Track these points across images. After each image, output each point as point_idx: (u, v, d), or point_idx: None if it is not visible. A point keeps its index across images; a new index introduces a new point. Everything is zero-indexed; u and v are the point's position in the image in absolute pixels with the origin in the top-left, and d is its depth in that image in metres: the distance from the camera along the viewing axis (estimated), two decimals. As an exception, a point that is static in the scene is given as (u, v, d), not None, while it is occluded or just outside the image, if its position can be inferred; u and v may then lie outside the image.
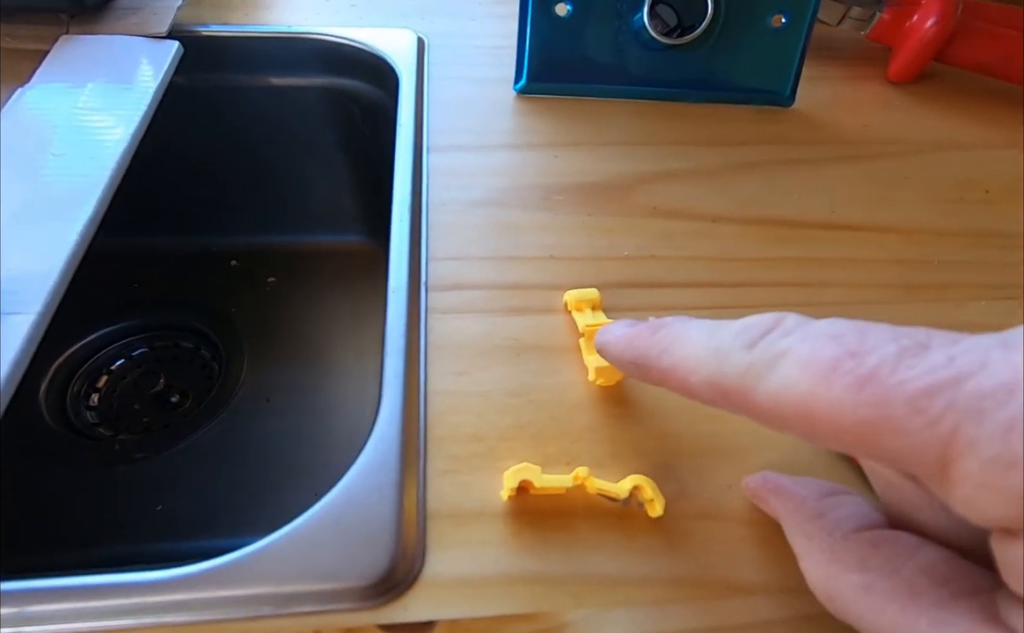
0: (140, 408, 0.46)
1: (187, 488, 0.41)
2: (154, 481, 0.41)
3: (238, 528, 0.39)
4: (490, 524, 0.20)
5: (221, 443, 0.43)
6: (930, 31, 0.34)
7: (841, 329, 0.13)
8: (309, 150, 0.47)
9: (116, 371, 0.47)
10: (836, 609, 0.15)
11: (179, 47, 0.36)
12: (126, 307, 0.49)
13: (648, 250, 0.28)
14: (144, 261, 0.51)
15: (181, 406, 0.46)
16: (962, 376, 0.11)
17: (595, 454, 0.21)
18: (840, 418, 0.12)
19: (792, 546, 0.17)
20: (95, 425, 0.45)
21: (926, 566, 0.14)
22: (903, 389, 0.11)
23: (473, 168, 0.31)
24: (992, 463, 0.11)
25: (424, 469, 0.21)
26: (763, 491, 0.19)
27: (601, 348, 0.20)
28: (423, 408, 0.22)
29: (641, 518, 0.20)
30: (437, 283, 0.26)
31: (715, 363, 0.15)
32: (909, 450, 0.11)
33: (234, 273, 0.52)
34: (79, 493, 0.40)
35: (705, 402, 0.16)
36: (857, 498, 0.17)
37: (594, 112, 0.34)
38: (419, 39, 0.38)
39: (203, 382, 0.47)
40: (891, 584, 0.14)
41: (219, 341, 0.49)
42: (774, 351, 0.14)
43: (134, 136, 0.32)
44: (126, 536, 0.38)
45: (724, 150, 0.33)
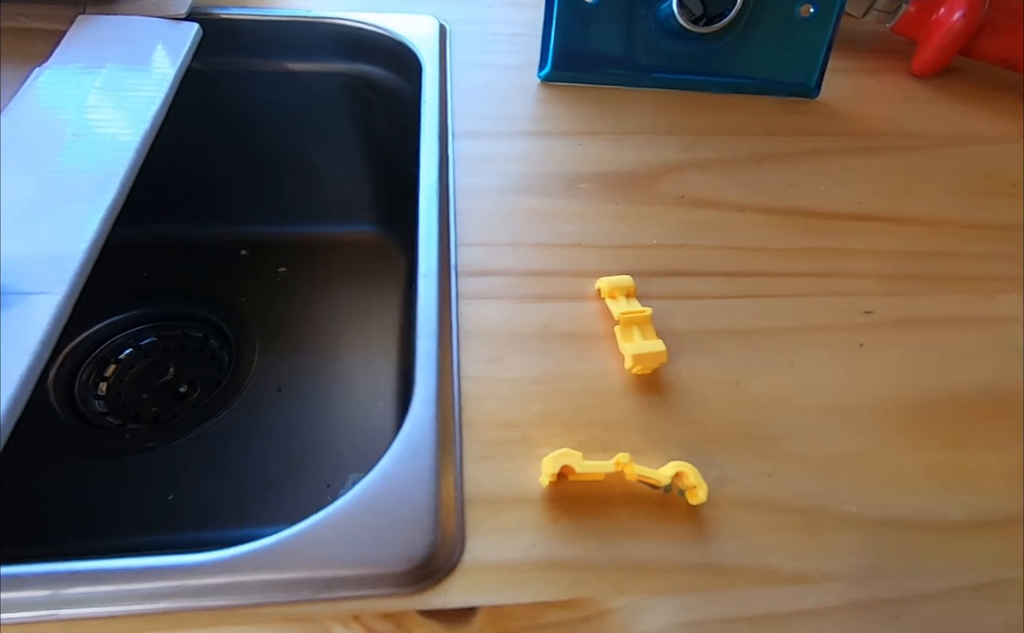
0: (148, 398, 0.45)
1: (196, 478, 0.41)
2: (163, 471, 0.40)
3: (247, 519, 0.39)
4: (528, 510, 0.19)
5: (231, 433, 0.43)
6: (957, 24, 0.34)
7: None
8: (322, 139, 0.46)
9: (124, 360, 0.47)
10: None
11: (198, 29, 0.35)
12: (134, 296, 0.49)
13: (677, 239, 0.28)
14: (153, 250, 0.50)
15: (189, 396, 0.46)
16: None
17: (629, 441, 0.21)
18: None
19: None
20: (104, 414, 0.44)
21: None
22: None
23: (498, 155, 0.31)
24: None
25: (460, 454, 0.21)
26: None
27: None
28: (457, 393, 0.22)
29: (679, 505, 0.20)
30: (465, 269, 0.26)
31: None
32: None
33: (244, 263, 0.52)
34: (89, 482, 0.39)
35: None
36: None
37: (617, 100, 0.34)
38: (441, 25, 0.37)
39: (212, 372, 0.47)
40: None
41: (228, 331, 0.49)
42: None
43: (154, 120, 0.31)
44: (134, 525, 0.38)
45: (750, 140, 0.33)
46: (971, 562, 0.19)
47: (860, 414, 0.23)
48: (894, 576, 0.19)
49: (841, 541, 0.20)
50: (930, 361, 0.24)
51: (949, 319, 0.26)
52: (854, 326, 0.25)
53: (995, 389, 0.24)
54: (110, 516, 0.38)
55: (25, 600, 0.16)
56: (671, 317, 0.25)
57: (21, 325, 0.20)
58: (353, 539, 0.18)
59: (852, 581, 0.19)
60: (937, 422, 0.23)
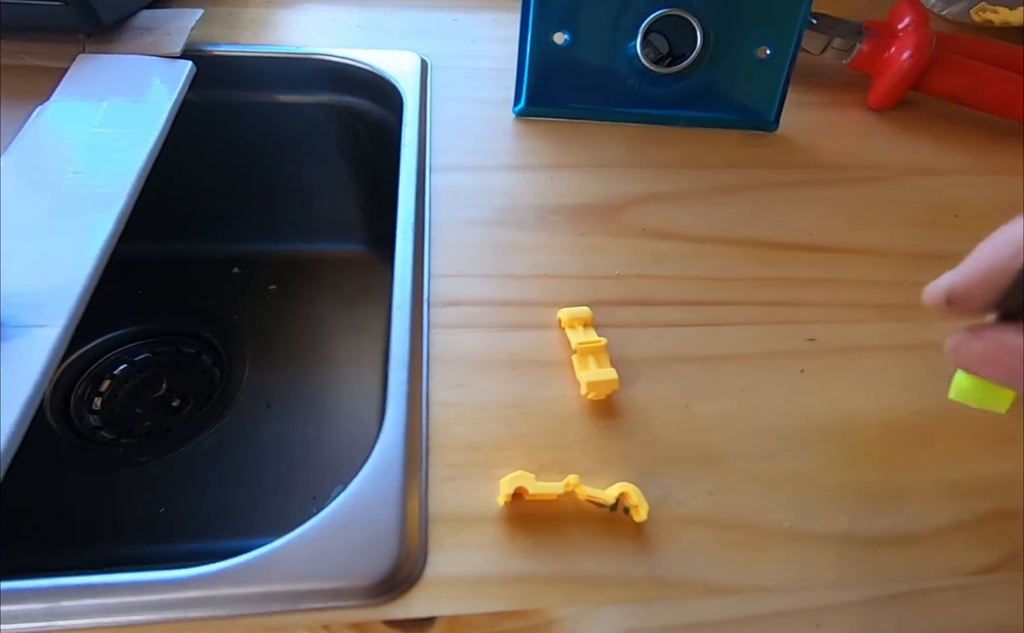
0: (142, 412, 0.47)
1: (188, 491, 0.42)
2: (156, 484, 0.42)
3: (237, 531, 0.41)
4: (487, 528, 0.21)
5: (222, 447, 0.45)
6: (906, 63, 0.36)
7: None
8: (312, 163, 0.48)
9: (119, 376, 0.49)
10: None
11: (192, 66, 0.37)
12: (130, 313, 0.50)
13: (637, 269, 0.29)
14: (149, 268, 0.52)
15: (182, 410, 0.47)
16: None
17: (586, 463, 0.23)
18: None
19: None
20: (98, 429, 0.46)
21: None
22: None
23: (473, 188, 0.33)
24: None
25: (426, 476, 0.22)
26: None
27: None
28: (425, 418, 0.24)
29: (627, 522, 0.22)
30: (438, 299, 0.28)
31: None
32: None
33: (236, 280, 0.54)
34: (82, 495, 0.41)
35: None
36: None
37: (589, 134, 0.36)
38: (422, 61, 0.39)
39: (204, 387, 0.48)
40: None
41: (220, 347, 0.50)
42: None
43: (150, 154, 0.33)
44: (128, 538, 0.40)
45: (711, 173, 0.35)
46: (892, 574, 0.21)
47: (801, 436, 0.24)
48: (821, 587, 0.21)
49: (775, 555, 0.21)
50: (868, 386, 0.26)
51: (888, 346, 0.28)
52: (798, 353, 0.27)
53: (927, 414, 0.26)
54: (104, 529, 0.40)
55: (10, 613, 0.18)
56: (629, 345, 0.27)
57: (21, 358, 0.22)
58: (324, 555, 0.20)
59: (781, 592, 0.20)
60: (871, 444, 0.25)
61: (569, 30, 0.34)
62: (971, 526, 0.23)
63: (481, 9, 0.45)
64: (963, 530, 0.22)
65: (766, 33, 0.33)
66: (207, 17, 0.42)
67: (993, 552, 0.22)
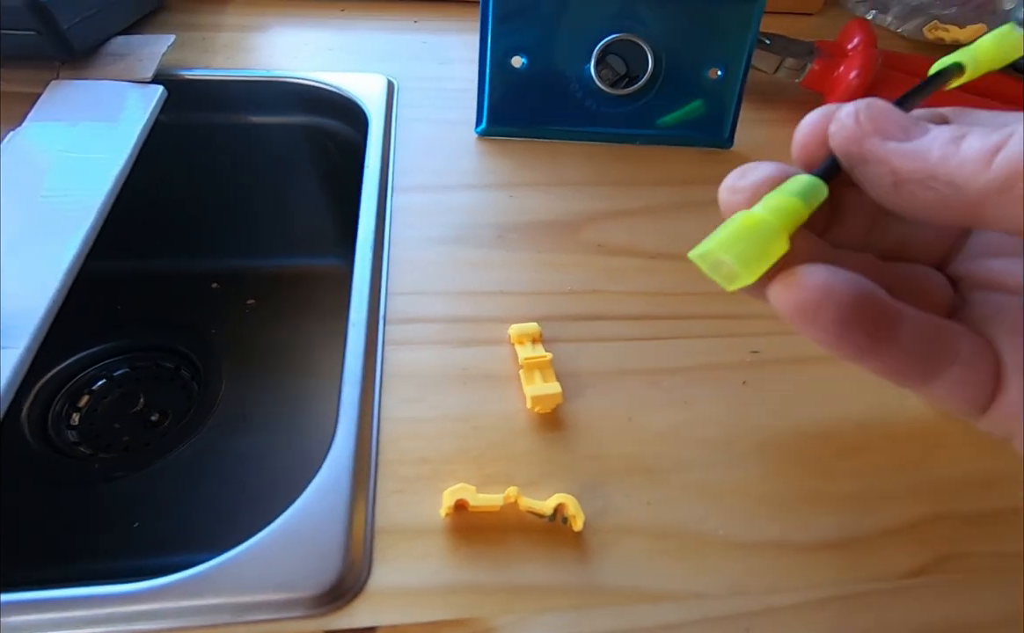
0: (120, 427, 0.47)
1: (165, 505, 0.42)
2: (133, 499, 0.42)
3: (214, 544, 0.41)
4: (431, 539, 0.22)
5: (199, 461, 0.45)
6: (853, 81, 0.37)
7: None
8: (287, 181, 0.49)
9: (97, 391, 0.49)
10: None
11: (163, 91, 0.38)
12: (109, 328, 0.51)
13: (591, 285, 0.30)
14: (127, 283, 0.53)
15: (161, 425, 0.48)
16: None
17: (530, 474, 0.24)
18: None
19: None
20: (75, 444, 0.46)
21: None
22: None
23: (435, 207, 0.33)
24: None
25: (374, 490, 0.23)
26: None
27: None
28: (376, 434, 0.24)
29: (567, 532, 0.22)
30: (395, 316, 0.28)
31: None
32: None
33: (215, 295, 0.54)
34: (59, 511, 0.41)
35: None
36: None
37: (550, 153, 0.37)
38: (389, 83, 0.40)
39: (183, 401, 0.49)
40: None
41: (199, 361, 0.51)
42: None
43: (119, 176, 0.34)
44: (104, 553, 0.40)
45: (668, 189, 0.36)
46: (823, 578, 0.22)
47: (741, 446, 0.25)
48: (752, 593, 0.21)
49: (709, 563, 0.22)
50: (808, 397, 0.27)
51: (831, 357, 0.28)
52: (742, 365, 0.28)
53: (866, 423, 0.26)
54: (77, 545, 0.40)
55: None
56: (578, 359, 0.27)
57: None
58: (270, 568, 0.20)
59: (714, 598, 0.21)
60: (809, 454, 0.25)
61: (526, 54, 0.34)
62: (903, 530, 0.23)
63: (450, 31, 0.47)
64: (895, 534, 0.23)
65: (716, 55, 0.34)
66: (182, 42, 0.43)
67: (924, 555, 0.23)
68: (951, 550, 0.23)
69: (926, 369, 0.15)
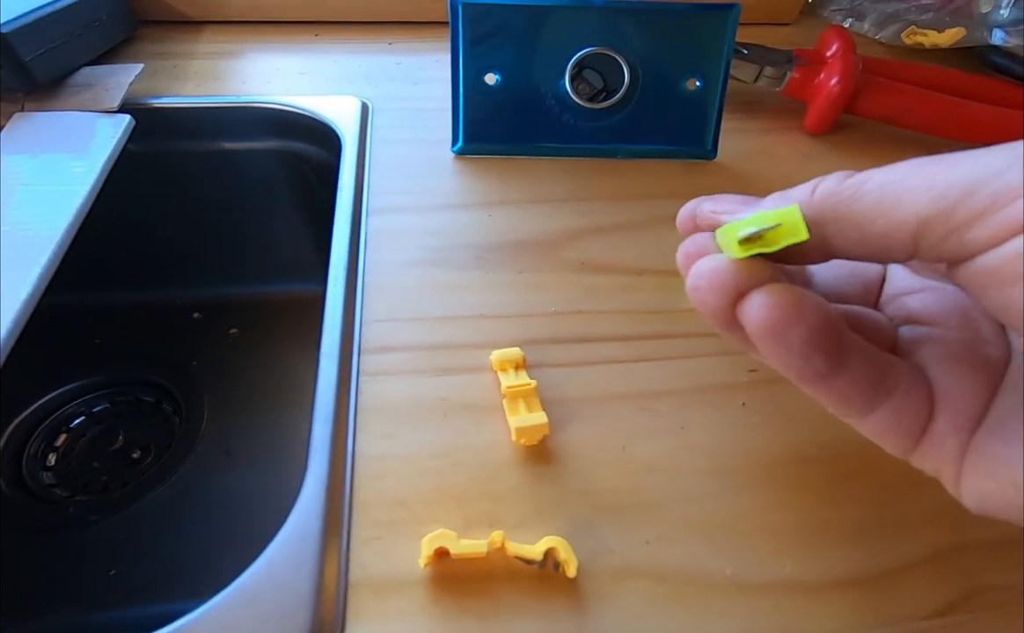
0: (99, 466, 0.44)
1: (141, 550, 0.39)
2: (107, 544, 0.39)
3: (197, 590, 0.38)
4: (410, 593, 0.19)
5: (180, 500, 0.42)
6: (835, 89, 0.35)
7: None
8: (266, 206, 0.47)
9: (76, 429, 0.46)
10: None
11: (131, 120, 0.36)
12: (87, 363, 0.48)
13: (574, 305, 0.28)
14: (106, 316, 0.50)
15: (142, 462, 0.45)
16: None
17: (517, 514, 0.21)
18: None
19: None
20: (51, 486, 0.43)
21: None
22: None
23: (411, 229, 0.31)
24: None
25: (347, 538, 0.20)
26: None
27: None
28: (349, 474, 0.22)
29: (557, 580, 0.20)
30: (370, 345, 0.26)
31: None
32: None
33: (197, 325, 0.51)
34: (30, 560, 0.38)
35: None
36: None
37: (528, 170, 0.35)
38: (363, 104, 0.38)
39: (164, 436, 0.46)
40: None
41: (180, 394, 0.48)
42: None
43: (81, 207, 0.31)
44: (79, 604, 0.37)
45: (651, 203, 0.34)
46: (840, 622, 0.19)
47: (743, 474, 0.23)
48: (762, 639, 0.19)
49: (717, 607, 0.19)
50: (808, 417, 0.25)
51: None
52: (739, 385, 0.25)
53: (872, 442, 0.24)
54: (53, 594, 0.37)
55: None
56: (564, 385, 0.25)
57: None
58: (231, 631, 0.18)
59: (721, 648, 0.19)
60: (816, 479, 0.23)
61: (499, 71, 0.32)
62: (925, 563, 0.21)
63: (425, 52, 0.45)
64: (916, 568, 0.21)
65: (693, 66, 0.32)
66: (153, 70, 0.40)
67: (949, 590, 0.20)
68: (976, 583, 0.20)
69: (870, 399, 0.16)
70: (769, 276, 0.15)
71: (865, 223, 0.14)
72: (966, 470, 0.15)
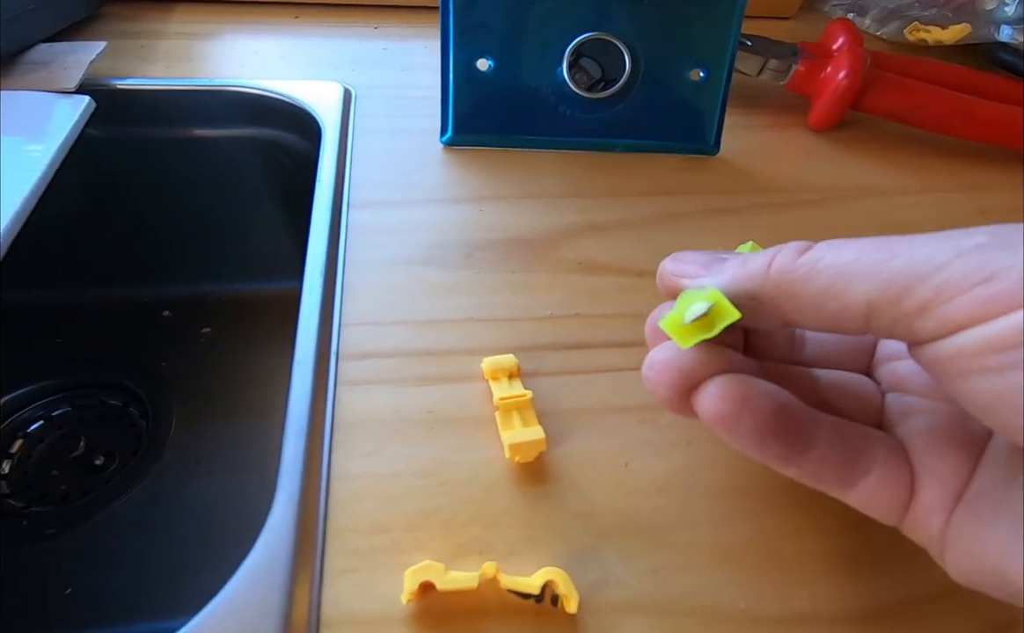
0: (59, 474, 0.42)
1: (105, 566, 0.37)
2: (64, 560, 0.36)
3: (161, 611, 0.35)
4: (390, 632, 0.17)
5: (143, 512, 0.39)
6: (842, 83, 0.34)
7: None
8: (242, 198, 0.44)
9: (33, 434, 0.43)
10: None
11: (90, 101, 0.33)
12: (47, 365, 0.45)
13: (572, 308, 0.26)
14: (67, 314, 0.47)
15: (107, 469, 0.42)
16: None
17: (511, 541, 0.19)
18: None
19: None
20: (5, 497, 0.40)
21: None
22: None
23: (396, 224, 0.29)
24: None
25: (321, 569, 0.18)
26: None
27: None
28: (324, 497, 0.20)
29: (556, 615, 0.18)
30: (349, 351, 0.24)
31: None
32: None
33: (167, 324, 0.49)
34: (-20, 578, 0.35)
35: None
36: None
37: (521, 163, 0.33)
38: (346, 91, 0.36)
39: (130, 443, 0.43)
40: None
41: (148, 398, 0.45)
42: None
43: (34, 191, 0.29)
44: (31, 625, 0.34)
45: (651, 200, 0.32)
46: (861, 657, 0.18)
47: (755, 495, 0.21)
48: (781, 681, 0.17)
49: (729, 643, 0.18)
50: (822, 430, 0.23)
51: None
52: (747, 395, 0.24)
53: (887, 456, 0.23)
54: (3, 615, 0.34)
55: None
56: (561, 396, 0.23)
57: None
58: (182, 688, 0.16)
59: (737, 692, 0.17)
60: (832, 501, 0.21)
61: (492, 56, 0.30)
62: (954, 593, 0.19)
63: (412, 37, 0.42)
64: (945, 598, 0.19)
65: (697, 56, 0.31)
66: (117, 50, 0.38)
67: (981, 624, 0.18)
68: (1010, 616, 0.19)
69: (844, 476, 0.16)
70: (719, 365, 0.16)
71: (819, 303, 0.14)
72: (947, 547, 0.15)
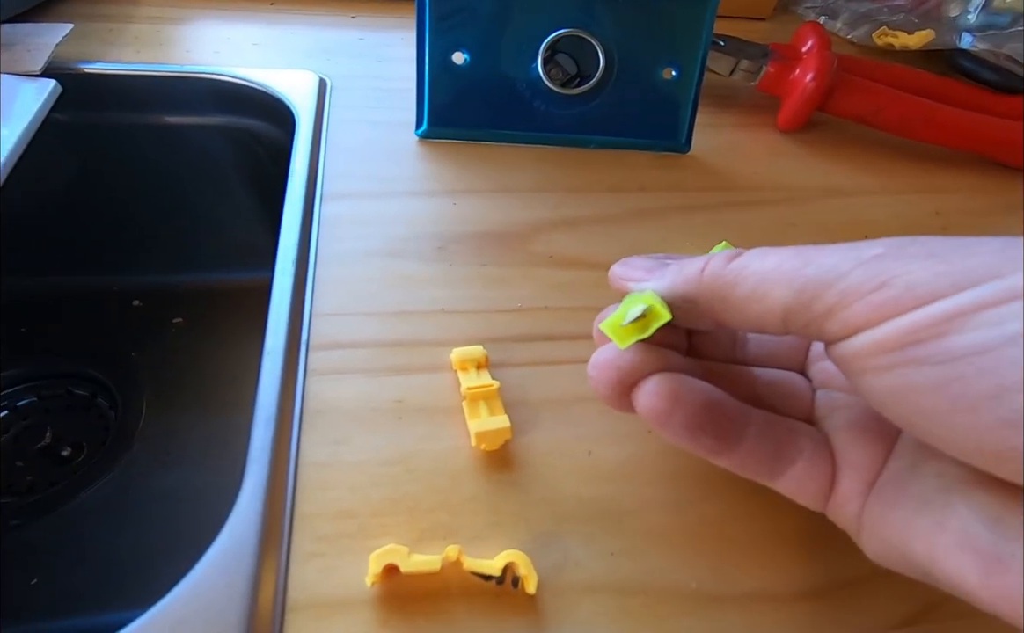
0: (24, 465, 0.41)
1: (72, 557, 0.37)
2: (32, 550, 0.36)
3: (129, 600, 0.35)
4: (356, 614, 0.18)
5: (112, 503, 0.39)
6: (809, 85, 0.35)
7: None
8: (214, 187, 0.44)
9: (-4, 424, 0.43)
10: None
11: (56, 85, 0.33)
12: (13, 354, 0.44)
13: (542, 301, 0.27)
14: (35, 303, 0.46)
15: (74, 460, 0.42)
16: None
17: (475, 526, 0.20)
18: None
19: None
20: (-33, 488, 0.40)
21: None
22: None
23: (369, 216, 0.29)
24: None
25: (287, 554, 0.19)
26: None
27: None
28: (291, 484, 0.20)
29: (517, 596, 0.18)
30: (319, 341, 0.24)
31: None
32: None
33: (137, 314, 0.48)
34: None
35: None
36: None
37: (496, 157, 0.33)
38: (321, 80, 0.36)
39: (98, 434, 0.43)
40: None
41: (117, 388, 0.45)
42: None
43: (-5, 180, 0.28)
44: None
45: (623, 196, 0.33)
46: (804, 630, 0.19)
47: (711, 482, 0.22)
48: (730, 657, 0.18)
49: (683, 623, 0.19)
50: (779, 420, 0.24)
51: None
52: (709, 387, 0.25)
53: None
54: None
55: None
56: (528, 386, 0.24)
57: None
58: (147, 669, 0.16)
59: (688, 668, 0.18)
60: (783, 484, 0.22)
61: (468, 50, 0.31)
62: (889, 573, 0.20)
63: (391, 27, 0.43)
64: (881, 578, 0.20)
65: (670, 54, 0.32)
66: (84, 33, 0.37)
67: (914, 601, 0.20)
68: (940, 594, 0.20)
69: (772, 467, 0.17)
70: (656, 365, 0.17)
71: (744, 306, 0.16)
72: (862, 529, 0.17)
